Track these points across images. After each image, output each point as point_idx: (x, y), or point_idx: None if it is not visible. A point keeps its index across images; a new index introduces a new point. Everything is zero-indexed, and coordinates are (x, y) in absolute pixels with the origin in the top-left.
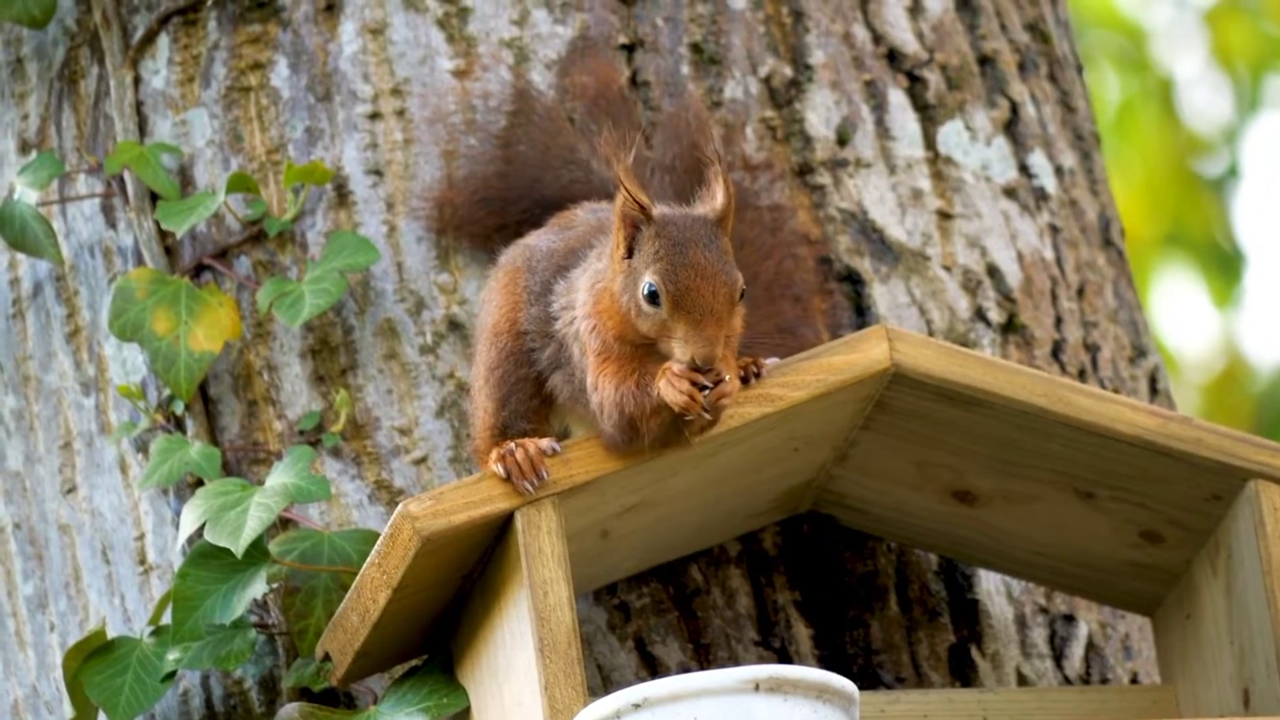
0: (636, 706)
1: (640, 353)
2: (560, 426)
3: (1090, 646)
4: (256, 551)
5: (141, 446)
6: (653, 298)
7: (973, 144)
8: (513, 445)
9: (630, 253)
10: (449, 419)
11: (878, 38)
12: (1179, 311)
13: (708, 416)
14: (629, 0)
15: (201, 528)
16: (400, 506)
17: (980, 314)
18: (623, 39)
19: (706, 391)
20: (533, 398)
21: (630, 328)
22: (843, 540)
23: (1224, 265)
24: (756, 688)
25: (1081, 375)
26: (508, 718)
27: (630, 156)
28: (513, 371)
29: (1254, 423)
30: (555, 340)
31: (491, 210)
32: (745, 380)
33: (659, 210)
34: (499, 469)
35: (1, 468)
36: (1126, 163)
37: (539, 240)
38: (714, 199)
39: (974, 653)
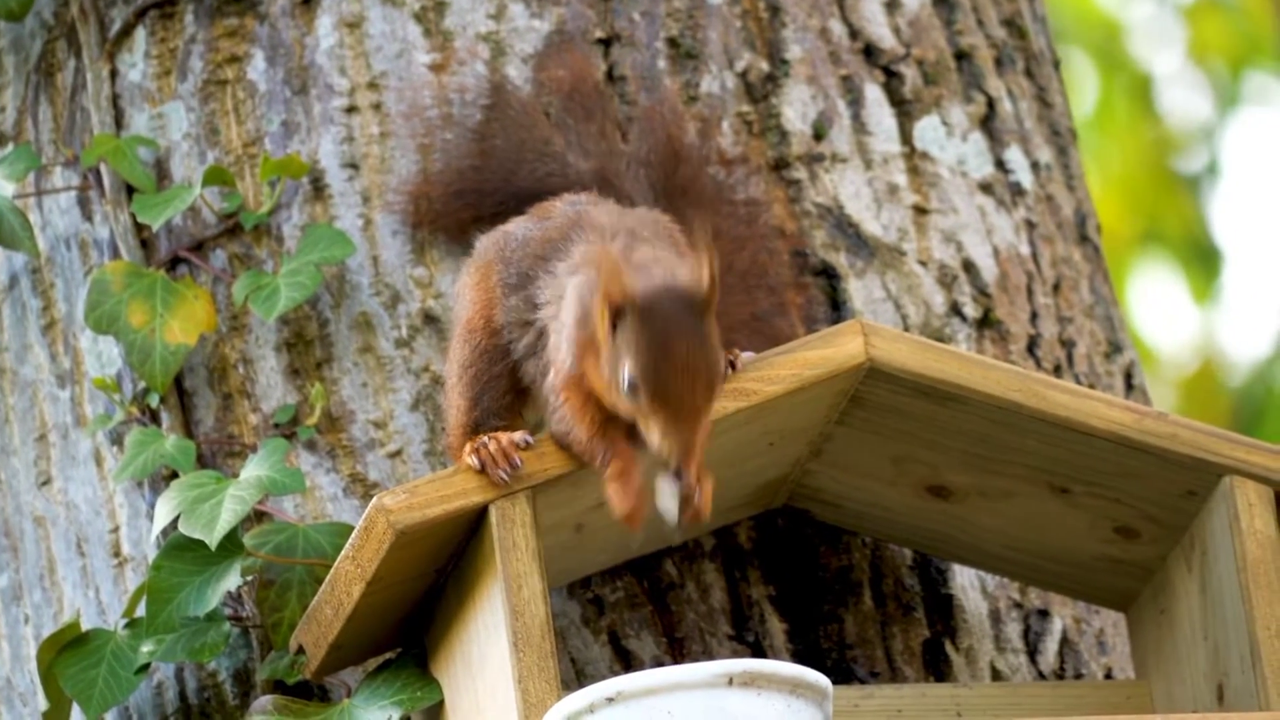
0: (610, 700)
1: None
2: (535, 420)
3: (1065, 642)
4: (231, 544)
5: (117, 439)
6: (633, 390)
7: (949, 139)
8: (485, 439)
9: (614, 326)
10: (424, 412)
11: (854, 33)
12: (1157, 308)
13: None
14: None
15: (176, 520)
16: (375, 500)
17: (956, 309)
18: (599, 33)
19: (637, 513)
20: (505, 394)
21: (610, 398)
22: (817, 535)
23: (1203, 261)
24: (730, 682)
25: (1057, 371)
26: (481, 711)
27: (614, 246)
28: (486, 370)
29: (1231, 419)
30: (535, 329)
31: (467, 203)
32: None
33: (643, 293)
34: (473, 461)
35: None
36: (1105, 159)
37: (515, 227)
38: (700, 278)
39: (948, 648)
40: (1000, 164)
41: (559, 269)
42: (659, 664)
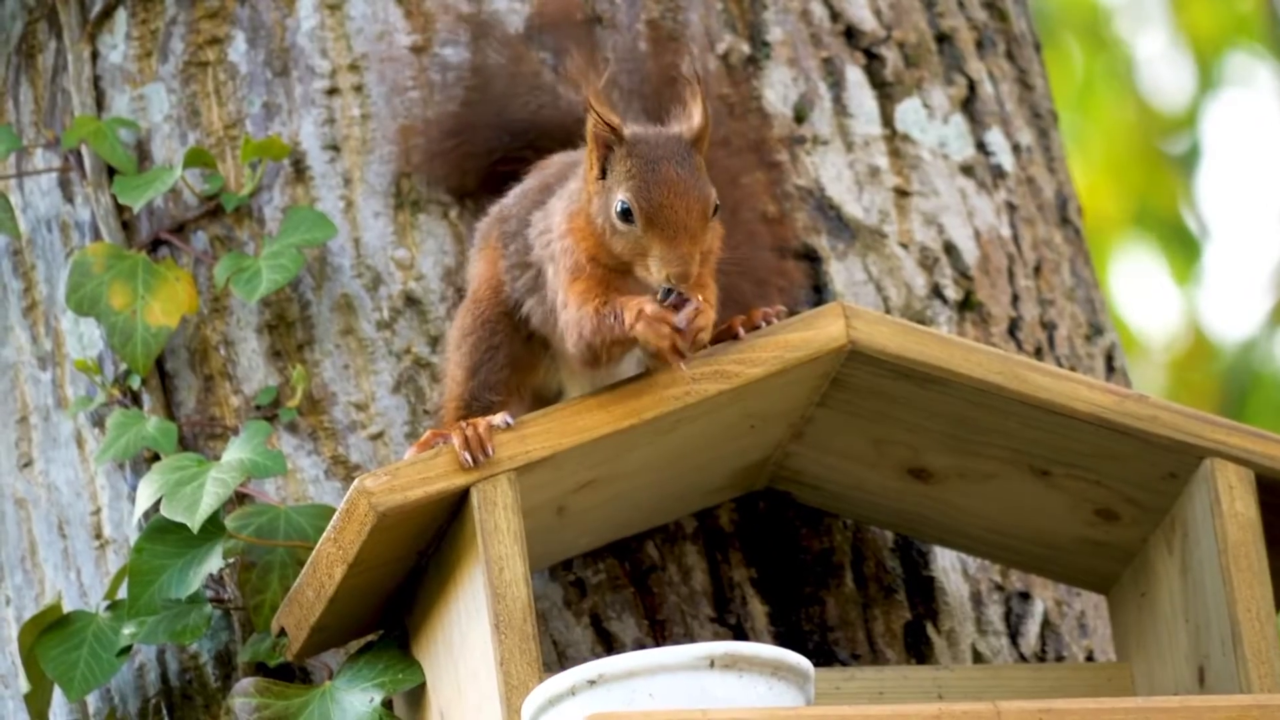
0: (592, 683)
1: (611, 276)
2: (556, 385)
3: (1046, 624)
4: (212, 526)
5: (98, 421)
6: (625, 215)
7: (930, 121)
8: (465, 424)
9: (604, 173)
10: (405, 394)
11: (835, 15)
12: (1144, 289)
13: (682, 364)
14: None
15: (158, 502)
16: (356, 482)
17: (937, 291)
18: (581, 15)
19: (683, 331)
20: (503, 368)
21: (604, 249)
22: (799, 517)
23: (1185, 243)
24: (711, 664)
25: (1038, 353)
26: (462, 693)
27: (600, 79)
28: (486, 339)
29: (1221, 399)
30: (534, 267)
31: (461, 140)
32: (757, 328)
33: (631, 130)
34: (456, 441)
35: None
36: (1091, 140)
37: (512, 190)
38: (690, 118)
39: (929, 630)
40: (981, 146)
41: (550, 203)
42: (641, 646)
